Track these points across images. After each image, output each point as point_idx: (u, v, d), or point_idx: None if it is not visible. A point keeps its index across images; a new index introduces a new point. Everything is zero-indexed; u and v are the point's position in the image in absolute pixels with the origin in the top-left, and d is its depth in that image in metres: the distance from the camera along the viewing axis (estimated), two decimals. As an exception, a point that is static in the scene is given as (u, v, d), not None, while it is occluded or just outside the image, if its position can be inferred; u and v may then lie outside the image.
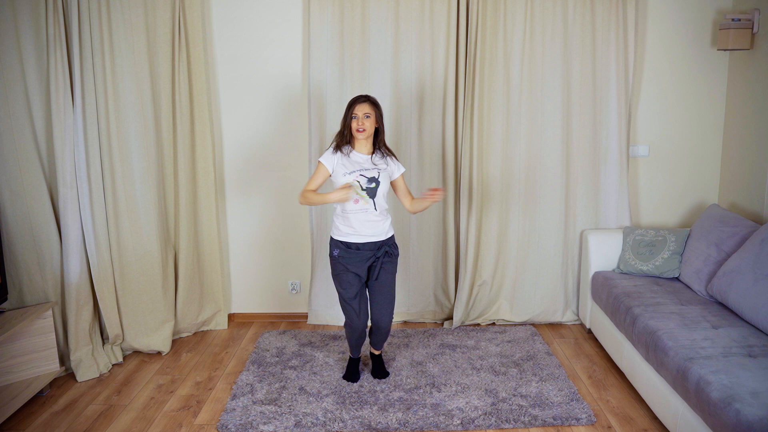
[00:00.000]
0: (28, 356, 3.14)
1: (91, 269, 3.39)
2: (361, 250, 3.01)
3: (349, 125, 2.98)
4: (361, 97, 3.00)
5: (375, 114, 2.99)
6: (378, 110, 3.01)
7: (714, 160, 4.01)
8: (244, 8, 3.78)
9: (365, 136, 2.99)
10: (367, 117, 2.96)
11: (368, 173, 2.97)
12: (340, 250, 3.02)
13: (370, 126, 2.97)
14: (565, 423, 2.83)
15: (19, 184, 3.23)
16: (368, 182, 2.97)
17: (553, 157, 3.84)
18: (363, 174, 2.97)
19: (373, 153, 3.06)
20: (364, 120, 2.95)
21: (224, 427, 2.82)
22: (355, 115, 2.96)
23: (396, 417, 2.89)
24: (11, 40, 3.14)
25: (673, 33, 3.85)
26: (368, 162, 3.02)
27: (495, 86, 3.75)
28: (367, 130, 2.97)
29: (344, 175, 2.96)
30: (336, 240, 3.05)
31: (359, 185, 2.95)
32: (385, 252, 3.03)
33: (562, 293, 4.00)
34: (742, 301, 2.85)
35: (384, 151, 3.07)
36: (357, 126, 2.95)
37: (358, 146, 3.03)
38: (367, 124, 2.96)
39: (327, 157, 3.01)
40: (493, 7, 3.68)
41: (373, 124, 2.99)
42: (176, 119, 3.64)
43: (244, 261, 4.08)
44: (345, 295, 3.05)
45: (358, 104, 2.97)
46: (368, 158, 3.03)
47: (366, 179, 2.96)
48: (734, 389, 2.25)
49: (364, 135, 2.97)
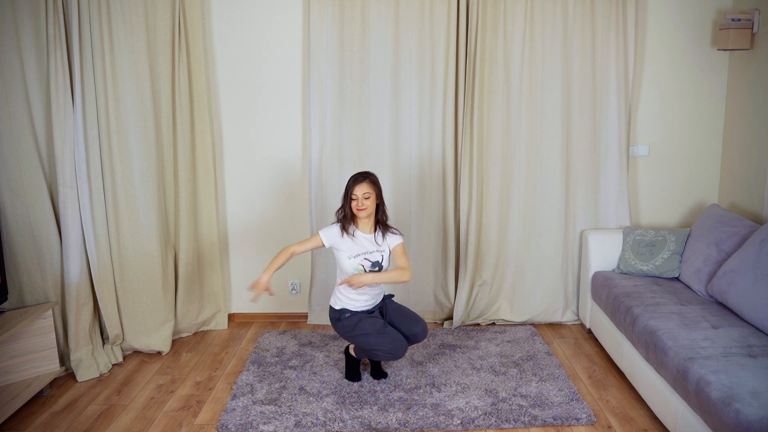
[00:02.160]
0: (28, 356, 3.14)
1: (91, 269, 3.39)
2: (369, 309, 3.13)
3: (350, 205, 3.02)
4: (359, 176, 3.03)
5: (374, 193, 3.03)
6: (377, 188, 3.05)
7: (714, 160, 4.01)
8: (244, 8, 3.78)
9: (366, 215, 3.03)
10: (366, 197, 2.99)
11: (372, 257, 3.04)
12: (350, 313, 3.07)
13: (370, 205, 3.01)
14: (565, 423, 2.83)
15: (19, 184, 3.23)
16: (372, 266, 3.03)
17: (553, 157, 3.84)
18: (367, 258, 3.03)
19: (375, 231, 3.10)
20: (363, 200, 2.99)
21: (224, 427, 2.82)
22: (355, 196, 3.00)
23: (396, 417, 2.89)
24: (11, 40, 3.14)
25: (673, 33, 3.85)
26: (372, 243, 3.06)
27: (495, 86, 3.75)
28: (368, 209, 3.01)
29: (348, 258, 3.01)
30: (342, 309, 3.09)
31: (363, 269, 3.01)
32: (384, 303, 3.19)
33: (562, 293, 4.00)
34: (742, 301, 2.85)
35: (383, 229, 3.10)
36: (357, 206, 3.00)
37: (361, 225, 3.08)
38: (368, 203, 3.00)
39: (329, 234, 3.04)
40: (493, 7, 3.68)
41: (374, 203, 3.03)
42: (176, 119, 3.64)
43: (244, 261, 4.08)
44: (375, 329, 3.00)
45: (357, 185, 3.00)
46: (371, 238, 3.08)
47: (370, 263, 3.03)
48: (734, 389, 2.25)
49: (364, 214, 3.01)
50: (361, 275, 2.96)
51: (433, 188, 3.90)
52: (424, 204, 3.91)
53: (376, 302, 3.15)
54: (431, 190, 3.91)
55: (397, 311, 3.19)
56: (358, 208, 3.00)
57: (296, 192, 3.99)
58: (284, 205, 4.01)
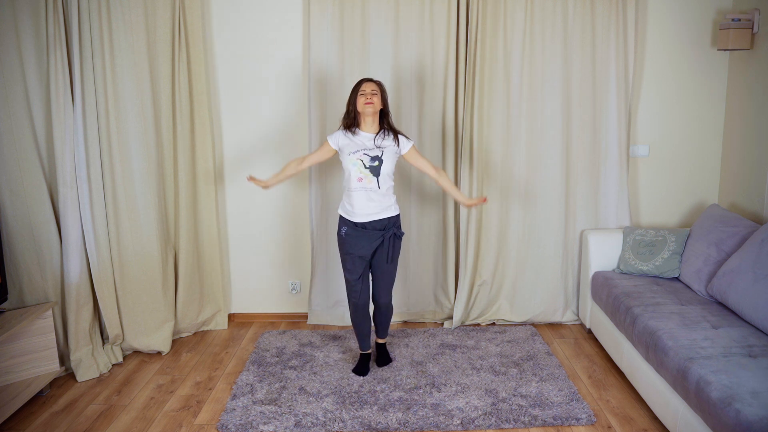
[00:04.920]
0: (28, 356, 3.14)
1: (91, 269, 3.39)
2: (368, 230, 3.11)
3: (355, 103, 3.08)
4: (367, 78, 3.15)
5: (381, 92, 3.12)
6: (384, 93, 3.14)
7: (714, 160, 4.01)
8: (244, 8, 3.78)
9: (372, 111, 3.08)
10: (374, 93, 3.07)
11: (371, 152, 3.07)
12: (347, 228, 3.12)
13: (377, 101, 3.08)
14: (565, 423, 2.84)
15: (19, 184, 3.23)
16: (371, 161, 3.06)
17: (553, 157, 3.84)
18: (366, 153, 3.06)
19: (378, 132, 3.14)
20: (371, 95, 3.05)
21: (224, 427, 2.82)
22: (363, 91, 3.07)
23: (396, 417, 2.89)
24: (11, 40, 3.14)
25: (673, 33, 3.85)
26: (371, 141, 3.11)
27: (495, 86, 3.75)
28: (375, 104, 3.06)
29: (348, 155, 3.07)
30: (344, 218, 3.15)
31: (362, 164, 3.04)
32: (393, 234, 3.13)
33: (562, 293, 4.00)
34: (742, 301, 2.85)
35: (389, 130, 3.15)
36: (365, 100, 3.05)
37: (365, 126, 3.13)
38: (375, 99, 3.06)
39: (334, 137, 3.16)
40: (493, 7, 3.68)
41: (380, 102, 3.10)
42: (176, 119, 3.64)
43: (244, 261, 4.08)
44: (349, 277, 3.18)
45: (366, 82, 3.10)
46: (372, 137, 3.12)
47: (369, 158, 3.05)
48: (734, 389, 2.25)
49: (371, 109, 3.06)
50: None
51: (433, 187, 3.90)
52: (424, 204, 3.91)
53: (373, 219, 3.09)
54: (431, 189, 3.91)
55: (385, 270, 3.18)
56: (366, 102, 3.04)
57: (297, 193, 3.99)
58: (284, 206, 4.01)
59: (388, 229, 3.12)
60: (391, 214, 3.14)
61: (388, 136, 3.13)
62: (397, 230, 3.15)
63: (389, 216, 3.13)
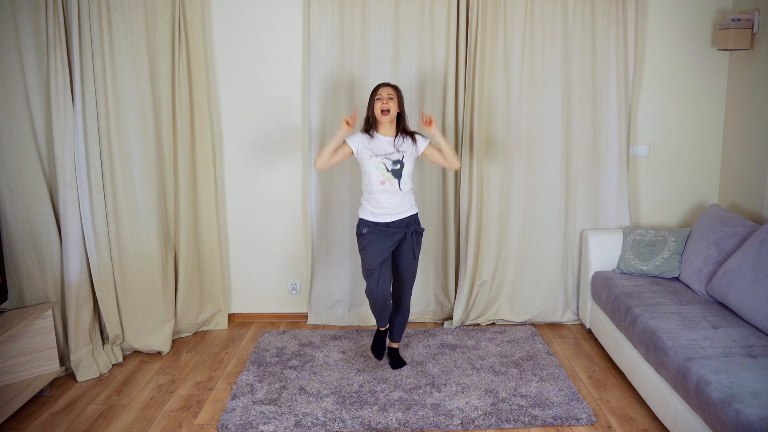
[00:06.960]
0: (28, 356, 3.14)
1: (91, 269, 3.39)
2: (390, 227, 3.17)
3: (373, 108, 3.16)
4: (384, 83, 3.21)
5: (397, 96, 3.17)
6: (400, 97, 3.20)
7: (714, 160, 4.01)
8: (243, 8, 3.78)
9: (389, 119, 3.14)
10: (390, 98, 3.13)
11: (393, 156, 3.14)
12: (369, 228, 3.17)
13: (393, 107, 3.13)
14: (565, 423, 2.84)
15: (19, 184, 3.23)
16: (393, 164, 3.14)
17: (553, 157, 3.84)
18: (388, 157, 3.13)
19: (396, 136, 3.20)
20: (387, 100, 3.12)
21: (224, 427, 2.83)
22: (380, 95, 3.14)
23: (396, 417, 2.89)
24: (11, 40, 3.14)
25: (673, 33, 3.85)
26: (390, 145, 3.18)
27: (495, 86, 3.75)
28: (391, 111, 3.13)
29: (370, 158, 3.13)
30: (365, 220, 3.19)
31: (384, 167, 3.12)
32: (414, 231, 3.21)
33: (562, 293, 4.00)
34: (742, 301, 2.85)
35: (404, 134, 3.21)
36: (382, 107, 3.12)
37: (382, 129, 3.20)
38: (391, 104, 3.12)
39: (353, 139, 3.20)
40: (493, 7, 3.68)
41: (396, 107, 3.15)
42: (176, 119, 3.64)
43: (244, 261, 4.08)
44: (367, 266, 3.19)
45: (382, 87, 3.17)
46: (390, 140, 3.18)
47: (390, 162, 3.13)
48: (734, 389, 2.25)
49: (388, 117, 3.13)
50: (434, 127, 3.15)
51: (433, 188, 3.90)
52: (424, 203, 3.91)
53: (396, 218, 3.17)
54: (431, 189, 3.91)
55: (408, 267, 3.25)
56: (382, 109, 3.11)
57: (297, 192, 3.99)
58: (284, 206, 4.01)
59: (410, 226, 3.21)
60: (412, 212, 3.23)
61: (406, 139, 3.20)
62: (417, 227, 3.25)
63: (411, 214, 3.22)
